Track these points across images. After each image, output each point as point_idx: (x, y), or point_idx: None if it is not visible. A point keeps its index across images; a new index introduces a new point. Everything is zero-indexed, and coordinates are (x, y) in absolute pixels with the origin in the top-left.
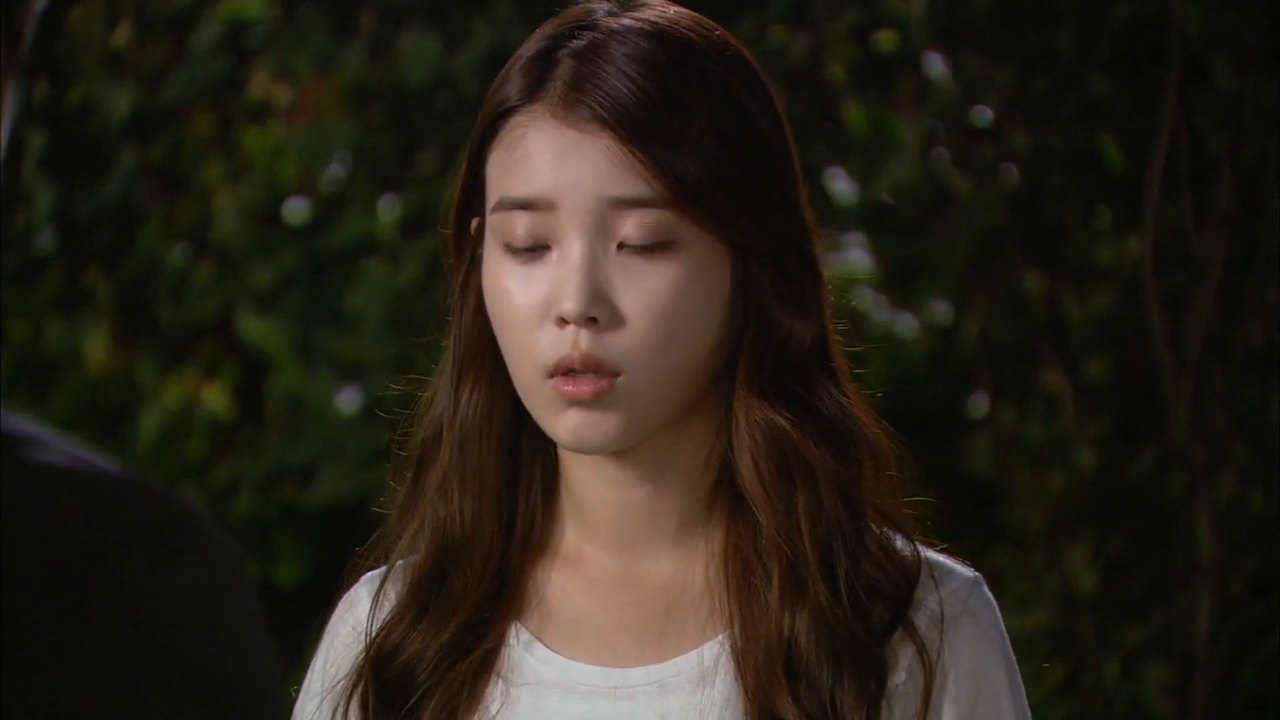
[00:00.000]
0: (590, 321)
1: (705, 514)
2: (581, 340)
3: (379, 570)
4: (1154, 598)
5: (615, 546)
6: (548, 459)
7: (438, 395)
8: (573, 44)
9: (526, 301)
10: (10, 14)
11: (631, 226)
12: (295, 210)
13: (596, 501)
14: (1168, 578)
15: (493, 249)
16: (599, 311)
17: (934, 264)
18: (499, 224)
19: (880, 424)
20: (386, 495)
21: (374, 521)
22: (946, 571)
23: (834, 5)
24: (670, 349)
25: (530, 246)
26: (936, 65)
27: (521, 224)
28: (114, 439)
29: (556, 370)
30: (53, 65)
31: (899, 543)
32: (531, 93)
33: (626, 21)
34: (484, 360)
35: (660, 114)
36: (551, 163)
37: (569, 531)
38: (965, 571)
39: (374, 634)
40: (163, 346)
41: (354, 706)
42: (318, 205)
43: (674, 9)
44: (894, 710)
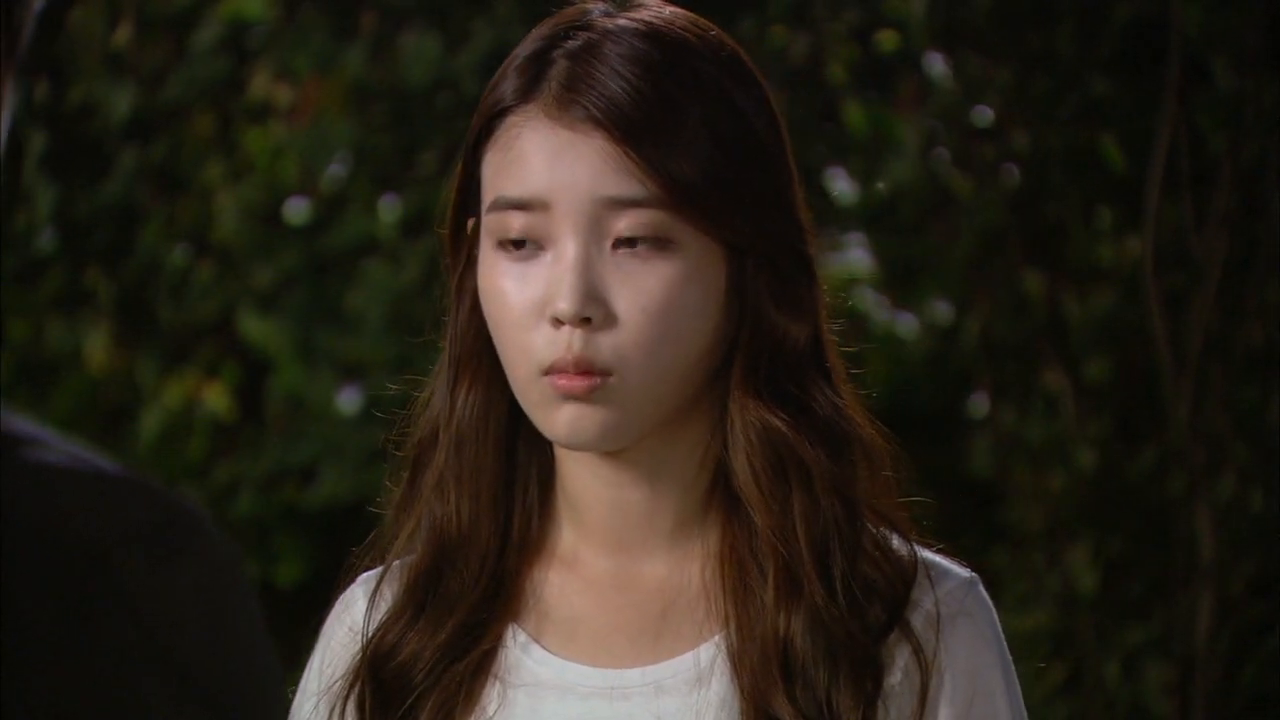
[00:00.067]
0: (585, 322)
1: (701, 515)
2: (575, 342)
3: (375, 570)
4: (1154, 598)
5: (611, 547)
6: (544, 459)
7: (434, 395)
8: (568, 44)
9: (521, 301)
10: (9, 13)
11: (626, 226)
12: (296, 210)
13: (592, 502)
14: (1168, 578)
15: (488, 249)
16: (593, 311)
17: (934, 264)
18: (494, 224)
19: (875, 424)
20: (384, 495)
21: (374, 522)
22: (943, 572)
23: (834, 5)
24: (664, 349)
25: (525, 247)
26: (937, 65)
27: (516, 224)
28: (114, 439)
29: (551, 371)
30: (53, 65)
31: (895, 543)
32: (526, 93)
33: (622, 22)
34: (480, 360)
35: (654, 114)
36: (546, 163)
37: (565, 532)
38: (961, 572)
39: (370, 634)
40: (163, 346)
41: (350, 707)
42: (318, 205)
43: (670, 9)
44: (890, 710)
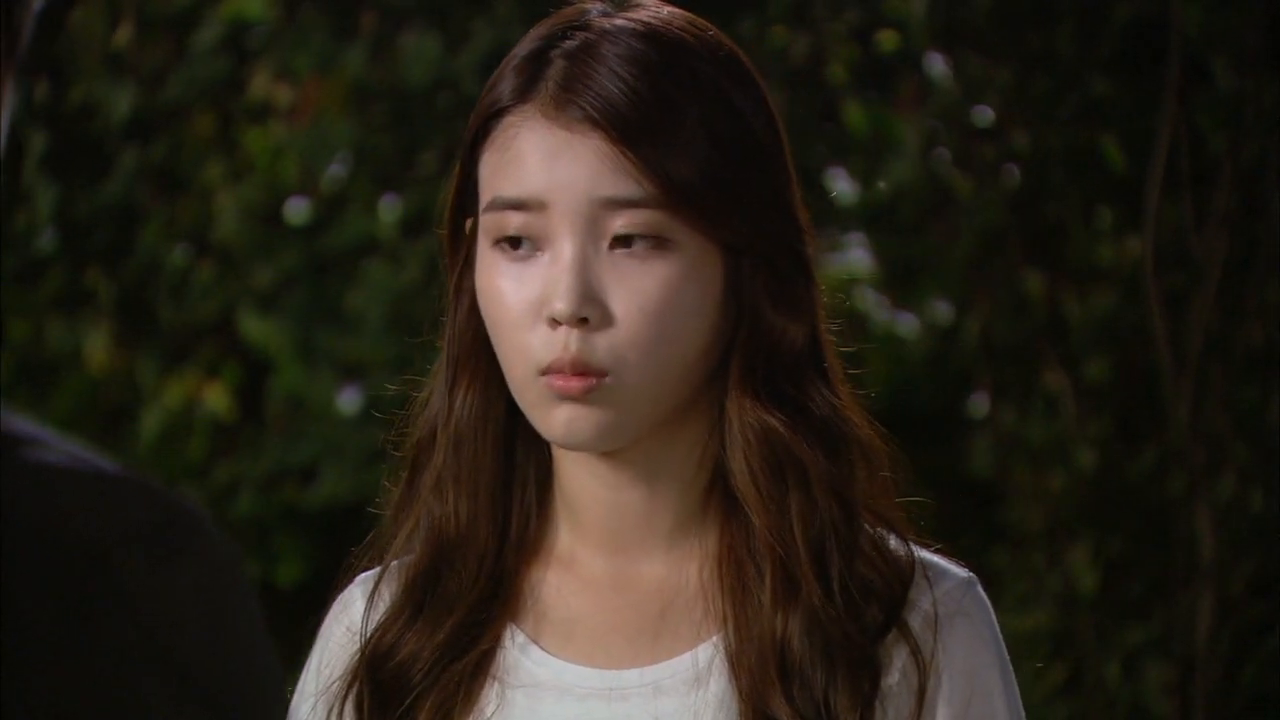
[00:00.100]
0: (582, 322)
1: (699, 515)
2: (572, 343)
3: (374, 570)
4: (1154, 598)
5: (609, 548)
6: (542, 460)
7: (432, 396)
8: (565, 44)
9: (519, 301)
10: (9, 13)
11: (623, 226)
12: (296, 210)
13: (590, 502)
14: (1168, 578)
15: (485, 249)
16: (590, 312)
17: (935, 264)
18: (491, 224)
19: (873, 424)
20: (383, 495)
21: (373, 522)
22: (940, 572)
23: (834, 5)
24: (661, 349)
25: (523, 247)
26: (937, 65)
27: (514, 224)
28: (114, 439)
29: (548, 371)
30: (53, 65)
31: (893, 543)
32: (524, 93)
33: (619, 22)
34: (478, 360)
35: (652, 114)
36: (543, 163)
37: (563, 533)
38: (959, 572)
39: (369, 634)
40: (163, 346)
41: (349, 707)
42: (318, 205)
43: (668, 9)
44: (888, 711)
